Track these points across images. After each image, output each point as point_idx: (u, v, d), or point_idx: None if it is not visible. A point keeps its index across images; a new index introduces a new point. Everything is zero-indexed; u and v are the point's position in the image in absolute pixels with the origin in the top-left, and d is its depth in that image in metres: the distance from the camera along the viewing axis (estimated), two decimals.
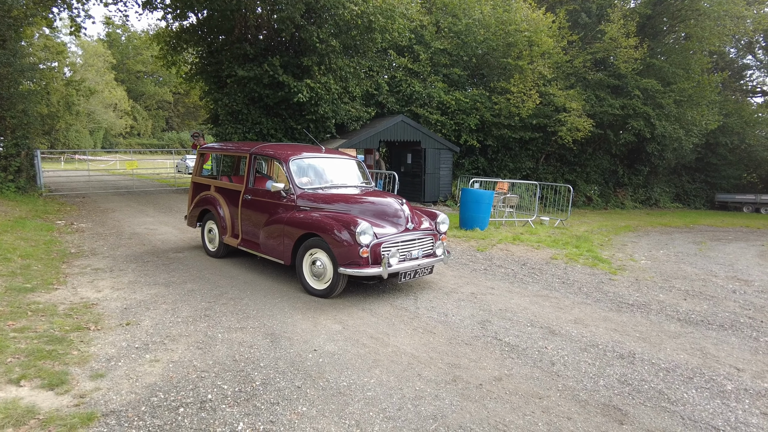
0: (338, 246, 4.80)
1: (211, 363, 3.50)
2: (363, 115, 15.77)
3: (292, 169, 5.76)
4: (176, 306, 4.71)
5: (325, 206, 5.37)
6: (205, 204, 6.84)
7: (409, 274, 5.16)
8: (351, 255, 4.75)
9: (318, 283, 5.15)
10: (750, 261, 9.02)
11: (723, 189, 26.10)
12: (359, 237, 4.72)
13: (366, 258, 4.76)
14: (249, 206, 6.09)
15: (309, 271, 5.21)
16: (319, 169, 6.13)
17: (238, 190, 6.33)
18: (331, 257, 4.90)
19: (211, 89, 15.80)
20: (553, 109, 17.35)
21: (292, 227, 5.29)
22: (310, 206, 5.44)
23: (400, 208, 5.32)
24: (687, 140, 20.05)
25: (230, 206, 6.43)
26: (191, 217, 7.28)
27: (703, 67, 20.66)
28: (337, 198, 5.52)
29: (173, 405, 2.92)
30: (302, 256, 5.21)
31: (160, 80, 59.12)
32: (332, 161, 6.43)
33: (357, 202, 5.44)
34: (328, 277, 5.03)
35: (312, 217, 5.17)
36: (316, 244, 5.08)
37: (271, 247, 5.60)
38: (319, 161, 6.23)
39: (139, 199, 13.48)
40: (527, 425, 2.84)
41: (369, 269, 4.76)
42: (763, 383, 3.54)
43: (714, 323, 4.93)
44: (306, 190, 5.61)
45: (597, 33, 18.96)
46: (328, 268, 5.01)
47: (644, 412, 3.07)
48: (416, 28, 17.54)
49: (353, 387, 3.20)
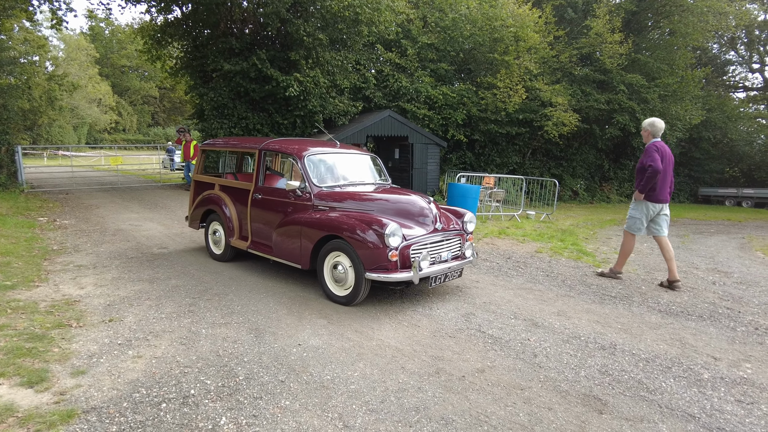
0: (364, 249, 4.42)
1: (194, 358, 3.49)
2: (350, 110, 15.73)
3: (308, 165, 5.36)
4: (160, 302, 4.68)
5: (345, 206, 5.01)
6: (209, 204, 6.40)
7: (439, 278, 4.80)
8: (378, 259, 4.38)
9: (340, 289, 4.78)
10: (730, 253, 9.18)
11: (706, 183, 26.51)
12: (388, 239, 4.34)
13: (395, 262, 4.41)
14: (260, 206, 5.69)
15: (330, 276, 4.84)
16: (335, 166, 5.73)
17: (246, 188, 5.91)
18: (355, 261, 4.52)
19: (197, 84, 15.66)
20: (540, 104, 17.46)
21: (310, 229, 4.90)
22: (328, 206, 5.06)
23: (427, 206, 4.96)
24: (671, 135, 20.29)
25: (238, 206, 6.04)
26: (193, 218, 6.82)
27: (686, 62, 20.92)
28: (357, 196, 5.12)
29: (155, 401, 2.91)
30: (323, 260, 4.84)
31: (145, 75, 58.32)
32: (348, 157, 6.02)
33: (380, 200, 5.05)
34: (350, 283, 4.65)
35: (333, 217, 4.78)
36: (337, 247, 4.68)
37: (286, 250, 5.21)
38: (334, 157, 5.82)
39: (124, 195, 13.33)
40: (508, 416, 2.88)
41: (398, 274, 4.38)
42: (739, 371, 3.62)
43: (693, 314, 5.02)
44: (323, 189, 5.22)
45: (583, 28, 19.09)
46: (350, 272, 4.63)
47: (623, 401, 3.12)
48: (403, 22, 17.52)
49: (337, 380, 3.21)
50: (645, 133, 6.08)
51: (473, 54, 18.25)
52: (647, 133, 6.05)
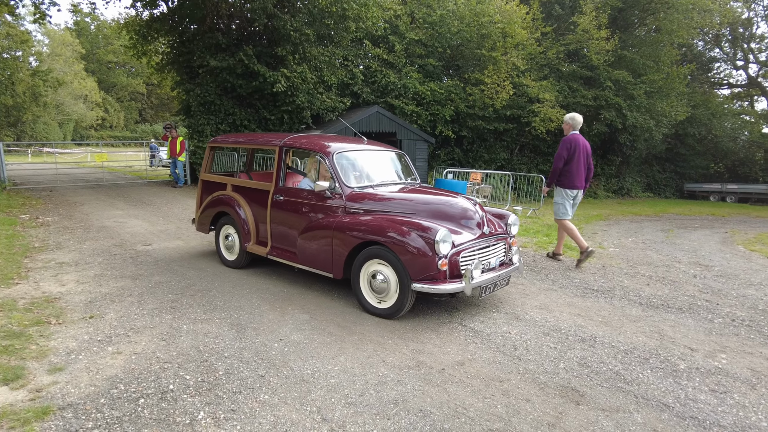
0: (410, 257, 4.01)
1: (174, 354, 3.48)
2: (338, 106, 15.70)
3: (338, 164, 4.91)
4: (142, 298, 4.66)
5: (381, 208, 4.60)
6: (221, 205, 5.91)
7: (489, 288, 4.37)
8: (427, 267, 3.98)
9: (379, 301, 4.37)
10: (713, 247, 9.30)
11: (691, 179, 26.83)
12: (438, 246, 3.94)
13: (444, 271, 4.02)
14: (281, 208, 5.23)
15: (368, 287, 4.43)
16: (364, 164, 5.30)
17: (264, 189, 5.44)
18: (398, 270, 4.11)
19: (183, 80, 15.50)
20: (527, 100, 17.54)
21: (345, 234, 4.45)
22: (362, 208, 4.64)
23: (473, 208, 4.58)
24: (657, 131, 20.50)
25: (254, 208, 5.58)
26: (202, 221, 6.29)
27: (672, 59, 21.10)
28: (395, 198, 4.73)
29: (134, 396, 2.90)
30: (359, 269, 4.42)
31: (132, 71, 57.70)
32: (377, 154, 5.59)
33: (421, 202, 4.63)
34: (392, 294, 4.24)
35: (372, 221, 4.36)
36: (377, 255, 4.26)
37: (314, 257, 4.77)
38: (363, 155, 5.41)
39: (109, 192, 13.20)
40: (486, 408, 2.90)
41: (447, 285, 3.99)
42: (714, 362, 3.68)
43: (673, 306, 5.09)
44: (355, 189, 4.81)
45: (570, 25, 19.19)
46: (392, 283, 4.21)
47: (600, 392, 3.16)
48: (391, 18, 17.50)
49: (317, 375, 3.22)
50: (566, 126, 6.72)
51: (461, 50, 18.28)
52: (568, 126, 6.69)
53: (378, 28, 16.38)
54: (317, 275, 5.33)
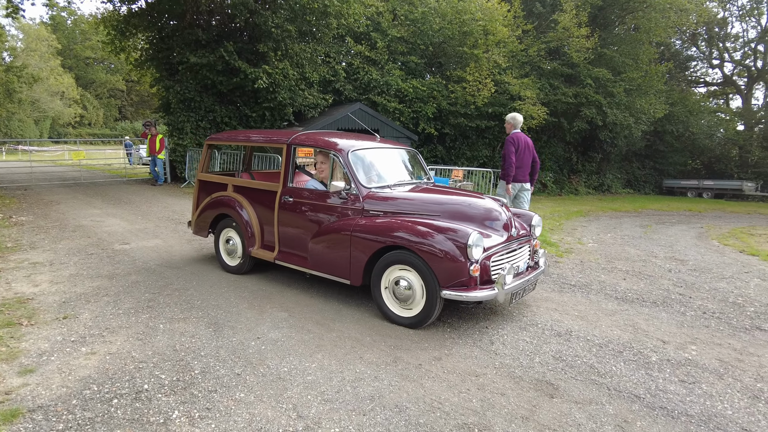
0: (439, 262, 3.77)
1: (150, 353, 3.44)
2: (320, 103, 15.65)
3: (353, 163, 4.62)
4: (118, 298, 4.59)
5: (401, 209, 4.34)
6: (221, 207, 5.55)
7: (519, 294, 4.15)
8: (458, 273, 3.74)
9: (403, 309, 4.10)
10: (688, 242, 9.51)
11: (670, 175, 27.36)
12: (471, 250, 3.72)
13: (475, 277, 3.79)
14: (290, 210, 4.89)
15: (391, 294, 4.17)
16: (379, 163, 5.02)
17: (270, 190, 5.11)
18: (425, 276, 3.86)
19: (162, 76, 15.29)
20: (508, 98, 17.68)
21: (365, 238, 4.17)
22: (381, 210, 4.36)
23: (500, 210, 4.36)
24: (636, 128, 20.84)
25: (259, 210, 5.24)
26: (200, 224, 5.90)
27: (650, 57, 21.46)
28: (415, 199, 4.46)
29: (107, 397, 2.86)
30: (380, 275, 4.16)
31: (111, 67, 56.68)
32: (391, 153, 5.34)
33: (444, 203, 4.37)
34: (417, 302, 4.00)
35: (394, 224, 4.10)
36: (401, 260, 4.00)
37: (329, 262, 4.48)
38: (378, 153, 5.12)
39: (87, 191, 12.97)
40: (462, 402, 2.93)
41: (479, 292, 3.75)
42: (684, 353, 3.77)
43: (648, 300, 5.19)
44: (373, 190, 4.53)
45: (551, 22, 19.38)
46: (417, 290, 3.96)
47: (574, 385, 3.22)
48: (373, 15, 17.48)
49: (294, 372, 3.22)
50: (508, 126, 7.04)
51: (443, 47, 18.34)
52: (510, 125, 7.01)
53: (360, 24, 16.35)
54: (297, 273, 5.32)
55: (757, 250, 8.46)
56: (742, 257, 7.96)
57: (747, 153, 27.25)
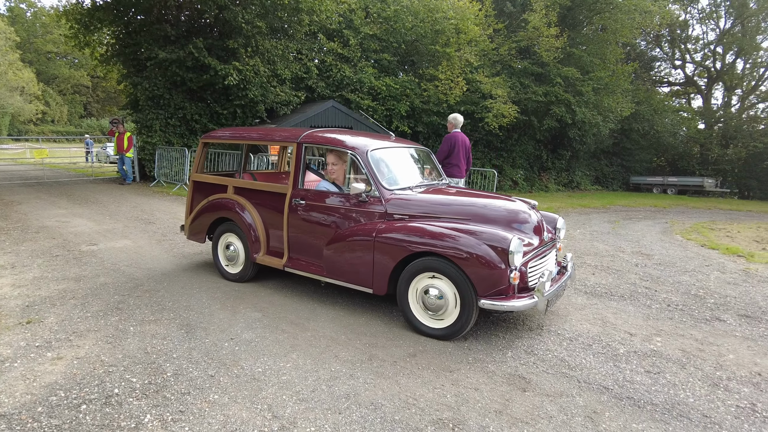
0: (478, 269, 3.55)
1: (120, 357, 3.36)
2: (293, 100, 15.52)
3: (373, 163, 4.33)
4: (86, 301, 4.47)
5: (426, 212, 4.09)
6: (221, 210, 5.18)
7: (553, 300, 3.95)
8: (498, 281, 3.54)
9: (433, 320, 3.85)
10: (654, 237, 9.82)
11: (636, 172, 28.20)
12: (512, 257, 3.52)
13: (514, 285, 3.61)
14: (302, 214, 4.57)
15: (420, 304, 3.91)
16: (397, 163, 4.77)
17: (278, 192, 4.79)
18: (459, 285, 3.65)
19: (130, 73, 14.89)
20: (480, 96, 17.90)
21: (392, 243, 3.89)
22: (405, 213, 4.11)
23: (531, 212, 4.17)
24: (604, 126, 21.40)
25: (265, 214, 4.91)
26: (196, 229, 5.49)
27: (617, 57, 22.05)
28: (441, 202, 4.20)
29: (75, 403, 2.79)
30: (407, 284, 3.90)
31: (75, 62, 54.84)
32: (406, 152, 5.07)
33: (473, 206, 4.11)
34: (450, 312, 3.76)
35: (424, 229, 3.84)
36: (430, 267, 3.76)
37: (349, 270, 4.20)
38: (395, 153, 4.86)
39: (51, 191, 12.55)
40: (436, 398, 2.97)
41: (519, 301, 3.57)
42: (650, 345, 3.91)
43: (616, 294, 5.35)
44: (395, 192, 4.26)
45: (521, 22, 19.69)
46: (450, 299, 3.73)
47: (546, 378, 3.29)
48: (345, 12, 17.42)
49: (268, 372, 3.20)
50: (449, 125, 7.47)
51: (415, 45, 18.43)
52: (451, 125, 7.44)
53: (332, 21, 16.27)
54: (270, 272, 5.27)
55: (716, 244, 8.80)
56: (703, 251, 8.27)
57: (707, 151, 28.30)
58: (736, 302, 5.24)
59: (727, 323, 4.56)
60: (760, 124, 29.04)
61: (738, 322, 4.62)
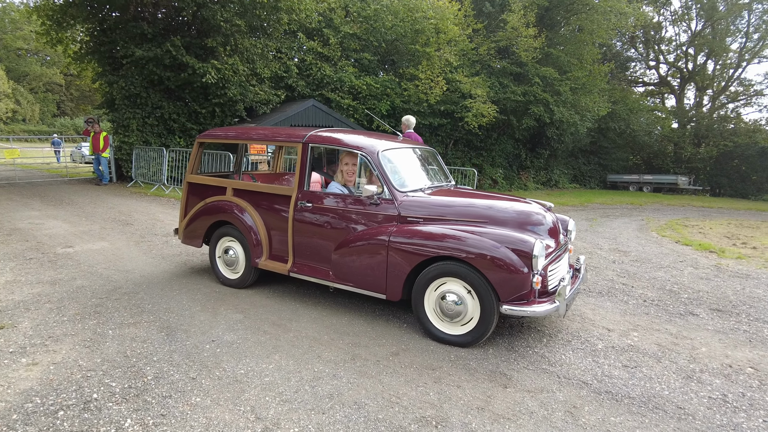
0: (500, 274, 3.45)
1: (99, 361, 3.31)
2: (272, 99, 15.39)
3: (385, 165, 4.21)
4: (62, 304, 4.38)
5: (440, 215, 3.99)
6: (219, 213, 4.98)
7: (570, 304, 3.88)
8: (521, 286, 3.45)
9: (451, 326, 3.74)
10: (630, 234, 10.03)
11: (613, 170, 28.75)
12: (536, 261, 3.44)
13: (536, 290, 3.52)
14: (309, 217, 4.42)
15: (437, 310, 3.79)
16: (407, 165, 4.66)
17: (283, 194, 4.63)
18: (479, 290, 3.55)
19: (105, 71, 14.58)
20: (460, 96, 18.01)
21: (407, 247, 3.78)
22: (419, 216, 4.00)
23: (547, 215, 4.10)
24: (582, 125, 21.75)
25: (267, 217, 4.73)
26: (192, 233, 5.27)
27: (594, 57, 22.41)
28: (455, 204, 4.11)
29: (52, 409, 2.73)
30: (423, 289, 3.80)
31: (47, 60, 53.41)
32: (415, 153, 4.96)
33: (489, 209, 4.00)
34: (469, 318, 3.67)
35: (441, 232, 3.74)
36: (448, 271, 3.66)
37: (360, 275, 4.06)
38: (404, 153, 4.73)
39: (23, 192, 12.22)
40: (419, 396, 2.99)
41: (541, 306, 3.48)
42: (627, 340, 4.00)
43: (594, 291, 5.45)
44: (408, 194, 4.16)
45: (500, 22, 19.86)
46: (469, 304, 3.63)
47: (526, 375, 3.35)
48: (325, 11, 17.36)
49: (251, 374, 3.18)
50: (403, 126, 7.78)
51: (396, 45, 18.46)
52: (405, 126, 7.76)
53: (312, 20, 16.19)
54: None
55: (690, 241, 9.04)
56: (677, 247, 8.49)
57: (681, 149, 29.01)
58: (708, 297, 5.39)
59: (700, 317, 4.70)
60: (729, 124, 29.89)
61: (710, 316, 4.76)
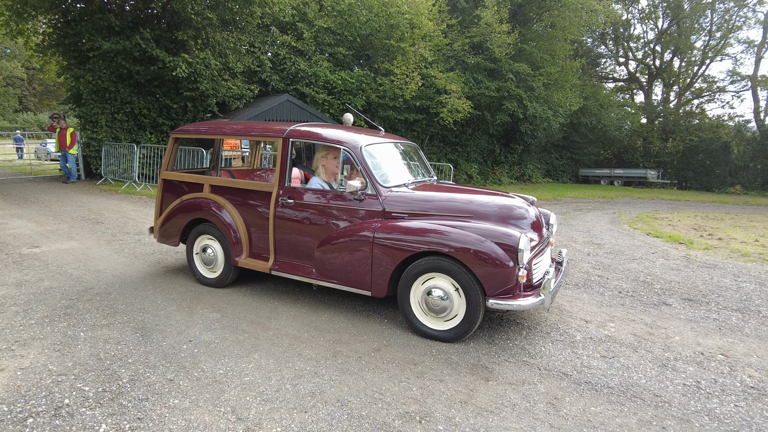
0: (486, 269, 3.45)
1: (70, 365, 3.19)
2: (246, 93, 15.14)
3: (368, 160, 4.16)
4: (29, 307, 4.21)
5: (424, 210, 3.96)
6: (196, 211, 4.83)
7: (554, 297, 3.89)
8: (506, 280, 3.46)
9: (437, 322, 3.74)
10: (603, 227, 10.24)
11: (585, 165, 29.34)
12: (521, 255, 3.46)
13: (521, 284, 3.56)
14: (290, 214, 4.32)
15: (423, 306, 3.77)
16: (390, 159, 4.62)
17: (263, 190, 4.52)
18: (465, 285, 3.55)
19: (71, 64, 14.09)
20: (435, 91, 18.07)
21: (393, 243, 3.75)
22: (404, 212, 3.96)
23: (531, 209, 4.11)
24: (554, 120, 22.09)
25: (246, 214, 4.62)
26: (168, 231, 5.12)
27: (566, 53, 22.79)
28: (438, 199, 4.07)
29: (20, 417, 2.62)
30: (408, 285, 3.78)
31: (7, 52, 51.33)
32: (397, 148, 4.89)
33: (473, 203, 3.98)
34: (455, 313, 3.67)
35: (426, 228, 3.73)
36: (435, 267, 3.65)
37: (344, 272, 4.00)
38: (387, 148, 4.66)
39: None
40: (402, 391, 2.98)
41: (526, 300, 3.51)
42: (604, 331, 4.08)
43: (570, 283, 5.54)
44: (392, 190, 4.12)
45: (474, 18, 19.97)
46: (455, 299, 3.63)
47: (507, 367, 3.37)
48: (298, 4, 17.14)
49: (230, 374, 3.12)
50: None
51: (370, 40, 18.37)
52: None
53: (285, 14, 15.98)
54: None
55: (660, 233, 9.29)
56: (648, 239, 8.70)
57: (649, 144, 29.81)
58: (679, 287, 5.54)
59: (673, 307, 4.82)
60: (694, 119, 30.85)
61: (682, 305, 4.89)
